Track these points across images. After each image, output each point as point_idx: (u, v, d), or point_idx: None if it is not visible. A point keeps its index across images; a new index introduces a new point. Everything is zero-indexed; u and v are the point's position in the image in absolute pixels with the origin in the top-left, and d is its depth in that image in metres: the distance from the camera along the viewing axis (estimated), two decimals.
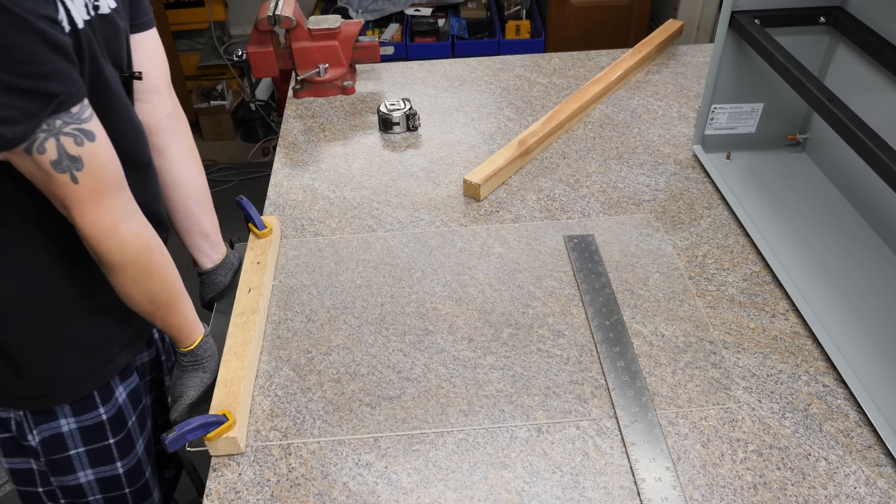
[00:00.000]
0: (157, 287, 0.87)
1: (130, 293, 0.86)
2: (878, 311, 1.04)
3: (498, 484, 0.84)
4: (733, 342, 1.01)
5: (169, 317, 0.91)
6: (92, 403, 0.97)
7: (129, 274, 0.83)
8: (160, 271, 0.87)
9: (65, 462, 0.99)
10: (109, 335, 0.95)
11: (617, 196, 1.29)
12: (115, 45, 0.86)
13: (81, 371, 0.93)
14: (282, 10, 1.51)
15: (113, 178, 0.78)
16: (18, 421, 0.96)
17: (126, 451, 1.03)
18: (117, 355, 0.97)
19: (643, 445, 0.87)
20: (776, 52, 1.11)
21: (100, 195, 0.76)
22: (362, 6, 2.97)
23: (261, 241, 1.17)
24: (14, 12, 0.65)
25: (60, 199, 0.75)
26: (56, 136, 0.71)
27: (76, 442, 0.98)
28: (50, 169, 0.72)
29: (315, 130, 1.52)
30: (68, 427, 0.96)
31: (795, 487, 0.83)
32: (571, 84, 1.65)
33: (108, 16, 0.83)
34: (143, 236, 0.83)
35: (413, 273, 1.14)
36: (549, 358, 0.99)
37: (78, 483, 1.02)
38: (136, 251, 0.82)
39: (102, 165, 0.76)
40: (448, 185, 1.34)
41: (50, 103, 0.69)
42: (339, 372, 0.98)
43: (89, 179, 0.75)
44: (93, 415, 0.97)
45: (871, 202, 1.18)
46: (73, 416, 0.96)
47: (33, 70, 0.67)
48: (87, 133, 0.74)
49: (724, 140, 1.36)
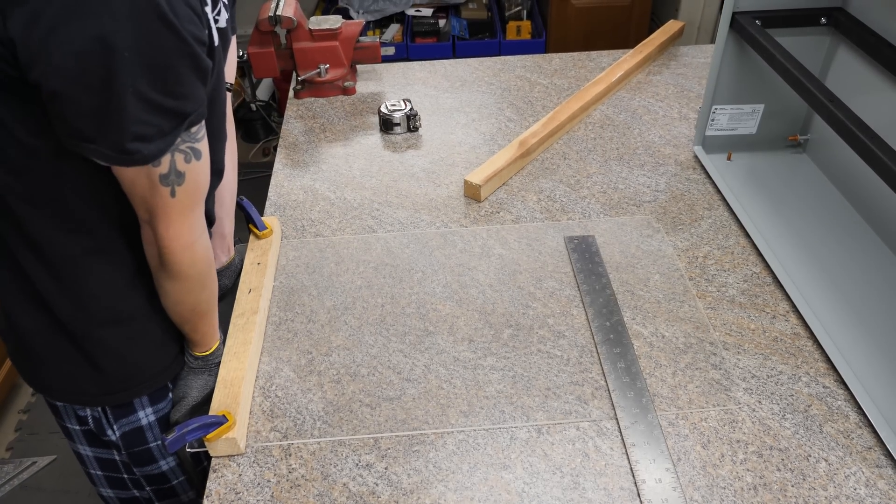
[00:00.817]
0: (205, 298, 0.90)
1: (180, 301, 0.88)
2: (879, 313, 1.03)
3: (498, 485, 0.84)
4: (734, 343, 1.01)
5: (201, 324, 0.94)
6: (165, 392, 0.98)
7: (188, 285, 0.86)
8: (211, 284, 0.90)
9: (146, 454, 1.01)
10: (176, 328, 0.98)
11: (617, 197, 1.29)
12: (225, 57, 0.88)
13: (158, 363, 0.95)
14: (283, 11, 1.51)
15: (201, 195, 0.80)
16: (96, 417, 0.97)
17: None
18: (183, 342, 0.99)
19: (643, 446, 0.87)
20: (777, 53, 1.11)
21: (189, 210, 0.79)
22: (363, 7, 2.97)
23: (261, 241, 1.18)
24: (183, 37, 0.66)
25: (153, 210, 0.76)
26: (172, 153, 0.73)
27: (155, 434, 0.99)
28: (157, 181, 0.73)
29: (316, 131, 1.52)
30: (147, 420, 0.98)
31: (796, 489, 0.83)
32: (572, 85, 1.65)
33: (224, 29, 0.84)
34: (208, 253, 0.86)
35: (413, 274, 1.14)
36: (549, 359, 0.99)
37: (161, 471, 1.04)
38: (203, 266, 0.85)
39: (199, 183, 0.78)
40: (448, 185, 1.34)
41: (182, 123, 0.71)
42: (340, 373, 0.98)
43: (185, 195, 0.77)
44: (167, 402, 0.99)
45: (872, 203, 1.18)
46: (150, 406, 0.97)
47: (178, 90, 0.69)
48: (196, 152, 0.76)
49: (725, 141, 1.36)
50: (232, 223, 1.13)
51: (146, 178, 0.73)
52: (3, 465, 1.95)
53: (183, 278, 0.84)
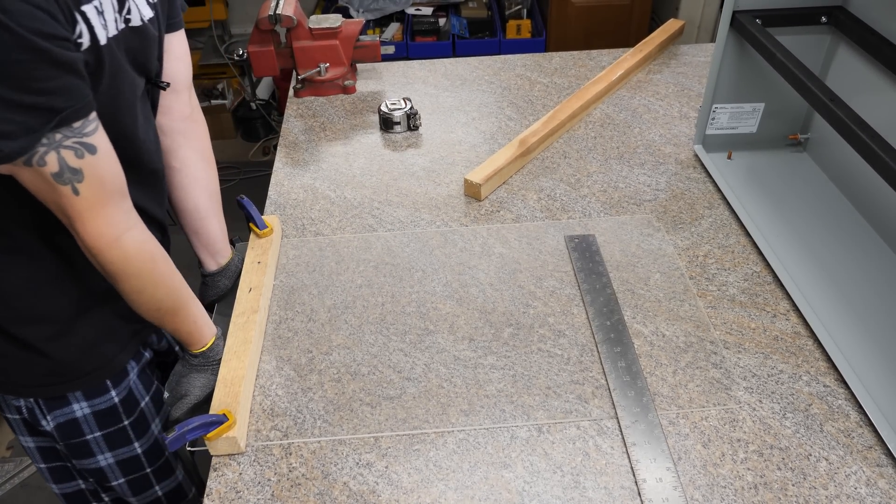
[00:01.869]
0: (163, 295, 0.89)
1: (137, 301, 0.87)
2: (879, 312, 1.03)
3: (498, 484, 0.84)
4: (734, 342, 1.01)
5: (177, 322, 0.93)
6: (103, 388, 0.98)
7: (134, 283, 0.84)
8: (164, 280, 0.88)
9: (83, 446, 1.00)
10: (118, 327, 0.97)
11: (618, 196, 1.29)
12: (145, 55, 0.87)
13: (88, 363, 0.94)
14: (283, 10, 1.51)
15: (114, 190, 0.78)
16: (30, 407, 0.97)
17: (142, 431, 1.04)
18: (127, 344, 0.99)
19: (644, 446, 0.87)
20: (777, 52, 1.11)
21: (101, 206, 0.77)
22: (363, 5, 2.97)
23: (261, 240, 1.17)
24: (15, 31, 0.65)
25: (63, 210, 0.76)
26: (57, 150, 0.72)
27: (91, 427, 0.99)
28: (52, 181, 0.73)
29: (316, 130, 1.52)
30: (82, 412, 0.98)
31: (796, 488, 0.83)
32: (572, 83, 1.65)
33: (141, 27, 0.84)
34: (146, 246, 0.84)
35: (414, 273, 1.14)
36: (549, 358, 0.99)
37: (99, 466, 1.03)
38: (139, 261, 0.83)
39: (103, 177, 0.76)
40: (449, 184, 1.34)
41: (52, 119, 0.70)
42: (340, 371, 0.98)
43: (90, 191, 0.75)
44: (105, 398, 0.98)
45: (873, 202, 1.18)
46: (85, 400, 0.97)
47: (36, 86, 0.68)
48: (89, 146, 0.74)
49: (725, 140, 1.36)
50: (222, 224, 1.11)
51: (40, 179, 0.73)
52: (4, 463, 1.95)
53: (123, 277, 0.83)
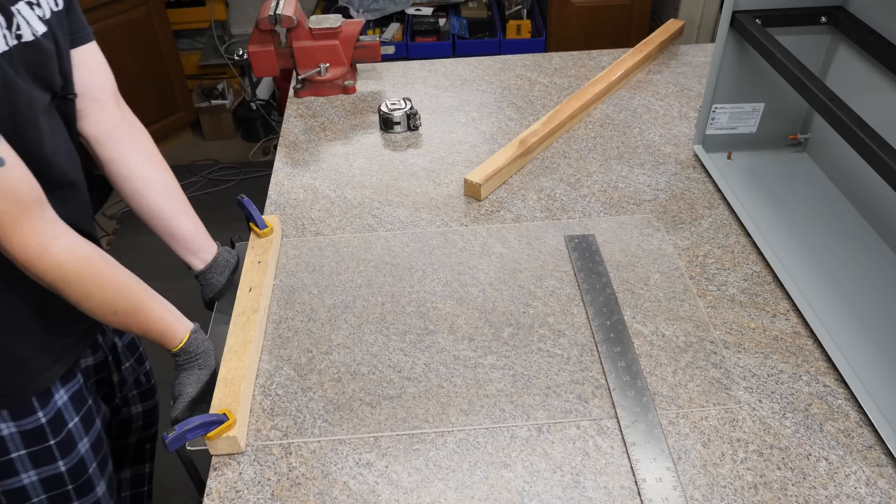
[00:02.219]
0: (113, 296, 0.87)
1: (89, 308, 0.86)
2: (879, 312, 1.03)
3: (498, 483, 0.84)
4: (734, 342, 1.01)
5: (142, 322, 0.91)
6: (30, 409, 0.96)
7: (77, 289, 0.83)
8: (109, 280, 0.87)
9: (7, 465, 0.98)
10: (46, 344, 0.95)
11: (618, 196, 1.29)
12: (44, 70, 0.86)
13: (15, 380, 0.93)
14: (283, 10, 1.51)
15: (31, 200, 0.77)
16: None
17: (68, 451, 1.02)
18: (54, 364, 0.97)
19: (644, 445, 0.87)
20: (777, 52, 1.11)
21: (21, 218, 0.76)
22: (363, 5, 2.97)
23: (262, 240, 1.17)
24: None
25: None
26: None
27: (17, 445, 0.97)
28: None
29: (316, 130, 1.52)
30: (8, 431, 0.96)
31: (796, 487, 0.83)
32: (572, 83, 1.65)
33: (34, 42, 0.83)
34: (78, 251, 0.83)
35: (414, 272, 1.14)
36: (549, 358, 0.99)
37: (21, 485, 1.01)
38: (74, 266, 0.82)
39: (17, 188, 0.76)
40: (449, 184, 1.34)
41: None
42: (340, 371, 0.98)
43: (6, 204, 0.75)
44: (31, 419, 0.97)
45: (872, 202, 1.18)
46: (11, 420, 0.95)
47: None
48: None
49: (725, 140, 1.36)
50: (194, 221, 1.09)
51: None
52: None
53: (63, 284, 0.82)
